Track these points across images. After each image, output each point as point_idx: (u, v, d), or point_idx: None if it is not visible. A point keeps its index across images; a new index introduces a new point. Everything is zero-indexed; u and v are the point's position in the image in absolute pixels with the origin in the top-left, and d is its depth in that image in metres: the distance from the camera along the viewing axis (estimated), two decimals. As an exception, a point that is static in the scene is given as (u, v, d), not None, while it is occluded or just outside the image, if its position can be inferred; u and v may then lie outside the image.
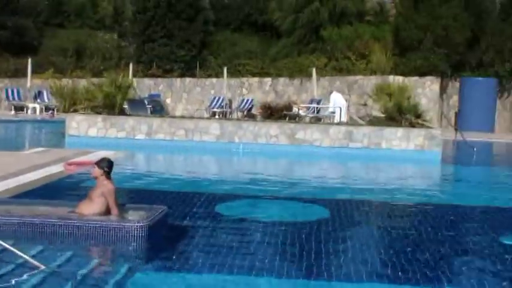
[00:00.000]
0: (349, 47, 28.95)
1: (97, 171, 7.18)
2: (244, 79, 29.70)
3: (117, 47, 33.66)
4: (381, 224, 9.04)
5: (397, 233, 8.29)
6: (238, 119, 22.11)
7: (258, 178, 13.35)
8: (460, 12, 28.01)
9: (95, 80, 25.24)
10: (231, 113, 26.08)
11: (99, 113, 18.23)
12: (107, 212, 7.07)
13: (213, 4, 35.23)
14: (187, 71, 30.93)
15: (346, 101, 23.69)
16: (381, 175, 15.31)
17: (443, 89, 28.79)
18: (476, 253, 7.38)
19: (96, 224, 6.81)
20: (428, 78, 27.65)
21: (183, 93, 30.26)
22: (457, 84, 28.74)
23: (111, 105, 18.38)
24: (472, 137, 21.72)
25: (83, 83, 28.55)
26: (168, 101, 30.09)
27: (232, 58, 30.40)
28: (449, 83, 29.01)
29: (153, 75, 30.66)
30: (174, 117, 21.52)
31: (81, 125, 17.62)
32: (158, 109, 26.38)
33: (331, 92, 24.43)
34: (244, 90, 29.57)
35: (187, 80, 30.36)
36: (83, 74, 31.24)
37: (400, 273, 6.27)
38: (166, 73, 30.79)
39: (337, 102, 22.53)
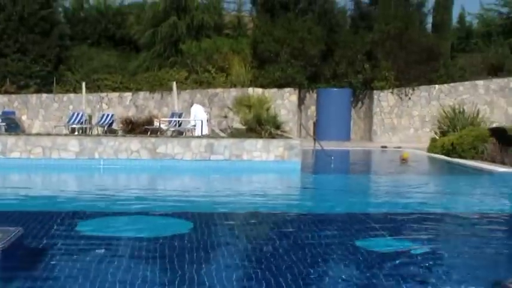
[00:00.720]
0: (208, 60, 29.18)
1: None
2: (103, 94, 29.16)
3: (-35, 63, 32.02)
4: (243, 235, 9.14)
5: (260, 243, 8.44)
6: (98, 135, 21.67)
7: (119, 194, 13.17)
8: (314, 25, 29.03)
9: None
10: (91, 128, 25.47)
11: None
12: (-44, 237, 6.69)
13: (69, 18, 34.42)
14: (44, 87, 29.90)
15: (207, 113, 23.83)
16: (242, 187, 15.50)
17: (301, 100, 29.67)
18: (334, 258, 7.64)
19: None
20: (287, 89, 28.37)
21: (40, 110, 29.26)
22: (314, 95, 29.71)
23: (-40, 124, 17.51)
24: (330, 146, 22.50)
25: None
26: (24, 118, 28.97)
27: (91, 73, 29.73)
28: (306, 94, 29.95)
29: (6, 92, 29.41)
30: (30, 134, 20.73)
31: None
32: (13, 127, 25.34)
33: (191, 105, 24.50)
34: (104, 105, 29.05)
35: (44, 96, 29.37)
36: None
37: (264, 283, 6.37)
38: (21, 89, 29.60)
39: (197, 115, 22.63)
